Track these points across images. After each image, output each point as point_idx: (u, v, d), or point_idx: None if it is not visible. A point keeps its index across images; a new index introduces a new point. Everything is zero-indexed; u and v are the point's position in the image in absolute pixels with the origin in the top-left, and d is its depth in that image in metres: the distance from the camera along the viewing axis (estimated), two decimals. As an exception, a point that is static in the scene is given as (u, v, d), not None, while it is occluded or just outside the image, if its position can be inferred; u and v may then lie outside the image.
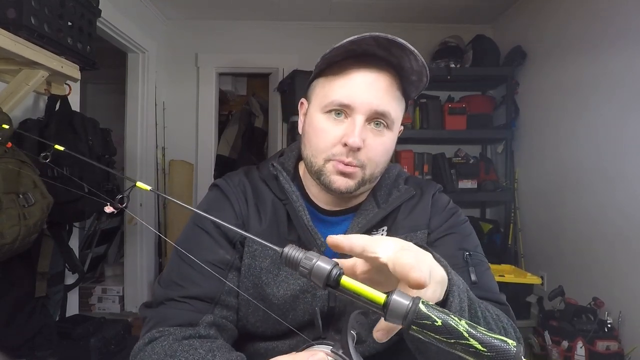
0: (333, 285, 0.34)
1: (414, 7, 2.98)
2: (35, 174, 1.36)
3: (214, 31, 3.33)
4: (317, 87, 0.70)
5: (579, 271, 2.22)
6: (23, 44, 1.31)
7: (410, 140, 3.10)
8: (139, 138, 2.97)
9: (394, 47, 0.61)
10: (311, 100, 0.71)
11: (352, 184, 0.67)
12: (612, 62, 2.01)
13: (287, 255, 0.36)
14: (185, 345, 0.57)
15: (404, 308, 0.32)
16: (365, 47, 0.63)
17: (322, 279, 0.33)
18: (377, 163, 0.68)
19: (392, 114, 0.66)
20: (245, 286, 0.69)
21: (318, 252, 0.68)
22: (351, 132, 0.64)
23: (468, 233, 0.75)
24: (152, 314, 0.64)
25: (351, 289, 0.33)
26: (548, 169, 2.51)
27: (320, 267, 0.33)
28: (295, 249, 0.36)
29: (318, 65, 0.68)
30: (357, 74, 0.65)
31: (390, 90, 0.66)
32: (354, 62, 0.65)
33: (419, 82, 0.67)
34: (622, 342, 1.85)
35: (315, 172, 0.69)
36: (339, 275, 0.33)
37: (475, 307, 0.53)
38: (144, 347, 0.60)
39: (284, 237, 0.72)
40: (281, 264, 0.39)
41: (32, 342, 1.51)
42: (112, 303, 3.03)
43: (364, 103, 0.64)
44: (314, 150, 0.68)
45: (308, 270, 0.34)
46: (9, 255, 1.25)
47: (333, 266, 0.33)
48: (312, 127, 0.69)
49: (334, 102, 0.65)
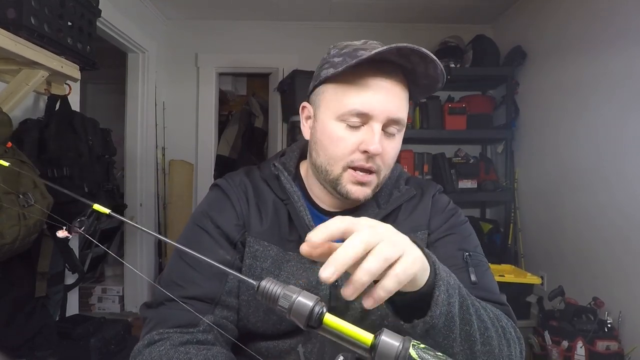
0: (315, 326, 0.31)
1: (414, 7, 2.98)
2: (35, 174, 1.36)
3: (214, 31, 3.33)
4: (326, 93, 0.68)
5: (579, 271, 2.22)
6: (23, 44, 1.31)
7: (410, 140, 3.09)
8: (139, 138, 2.97)
9: (414, 55, 0.61)
10: (319, 106, 0.70)
11: (369, 192, 0.69)
12: (612, 62, 2.01)
13: (263, 289, 0.33)
14: (182, 353, 0.57)
15: (393, 351, 0.30)
16: (384, 55, 0.62)
17: (303, 317, 0.30)
18: (389, 166, 0.70)
19: (404, 119, 0.67)
20: (246, 286, 0.69)
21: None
22: (371, 139, 0.64)
23: (468, 234, 0.75)
24: (153, 315, 0.64)
25: (336, 328, 0.31)
26: (548, 169, 2.51)
27: (301, 304, 0.30)
28: (273, 282, 0.33)
29: (324, 69, 0.67)
30: (373, 82, 0.64)
31: (402, 94, 0.66)
32: (368, 68, 0.63)
33: (429, 87, 0.67)
34: (622, 342, 1.85)
35: (331, 180, 0.68)
36: (322, 313, 0.31)
37: (467, 305, 0.53)
38: (142, 350, 0.60)
39: (285, 237, 0.71)
40: (258, 298, 0.36)
41: (32, 342, 1.51)
42: (112, 303, 3.03)
43: (383, 111, 0.64)
44: (330, 159, 0.67)
45: (287, 309, 0.31)
46: (9, 255, 1.25)
47: (315, 302, 0.31)
48: (327, 135, 0.67)
49: (352, 110, 0.64)
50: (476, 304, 0.56)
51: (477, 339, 0.54)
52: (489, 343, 0.55)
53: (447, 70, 2.84)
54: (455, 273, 0.55)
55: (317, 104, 0.71)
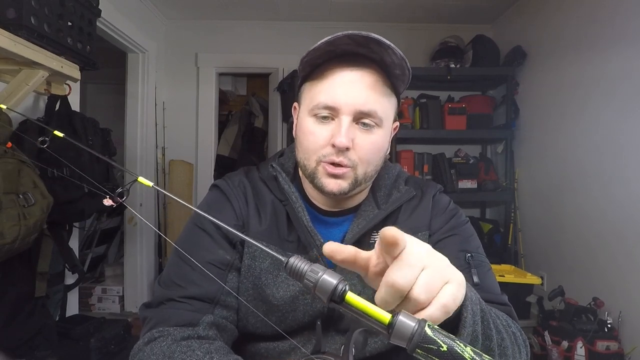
0: (338, 301, 0.33)
1: (414, 7, 2.98)
2: (36, 174, 1.36)
3: (214, 31, 3.33)
4: (304, 92, 0.71)
5: (579, 271, 2.22)
6: (23, 44, 1.31)
7: (410, 140, 3.10)
8: (139, 138, 2.97)
9: (372, 43, 0.61)
10: (301, 105, 0.72)
11: (345, 186, 0.66)
12: (612, 62, 2.01)
13: (292, 265, 0.35)
14: (184, 347, 0.57)
15: (409, 330, 0.31)
16: (344, 47, 0.63)
17: (327, 293, 0.32)
18: (368, 162, 0.67)
19: (380, 112, 0.65)
20: (245, 287, 0.69)
21: (318, 253, 0.68)
22: (338, 132, 0.63)
23: (469, 234, 0.75)
24: (152, 314, 0.64)
25: (356, 305, 0.32)
26: (548, 169, 2.51)
27: (326, 282, 0.32)
28: (301, 260, 0.35)
29: (300, 69, 0.68)
30: (339, 75, 0.64)
31: (376, 86, 0.65)
32: (337, 63, 0.65)
33: (403, 75, 0.66)
34: (622, 342, 1.85)
35: (309, 175, 0.69)
36: (344, 291, 0.32)
37: (487, 319, 0.51)
38: (143, 347, 0.59)
39: (284, 237, 0.71)
40: (285, 272, 0.37)
41: (32, 342, 1.51)
42: (112, 303, 3.03)
43: (348, 104, 0.63)
44: (305, 153, 0.68)
45: (313, 284, 0.33)
46: (9, 255, 1.25)
47: (339, 281, 0.32)
48: (302, 131, 0.69)
49: (319, 104, 0.65)
50: (493, 315, 0.55)
51: (495, 351, 0.53)
52: (505, 353, 0.55)
53: (447, 70, 2.86)
54: None
55: (300, 102, 0.72)
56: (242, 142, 3.96)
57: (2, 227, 1.18)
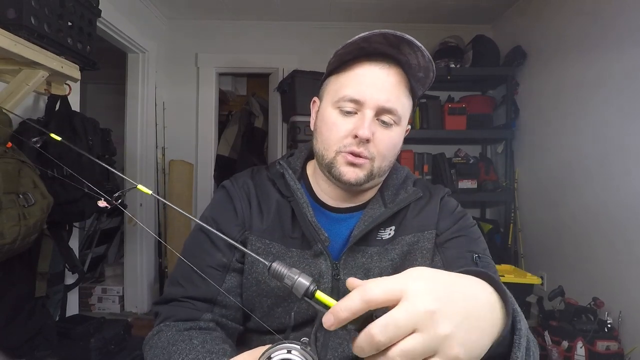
0: (309, 297, 0.41)
1: (414, 7, 2.98)
2: (36, 174, 1.36)
3: (214, 31, 3.33)
4: (329, 85, 0.74)
5: (579, 271, 2.22)
6: (23, 44, 1.31)
7: (410, 140, 3.09)
8: (139, 138, 2.97)
9: (403, 44, 0.64)
10: (323, 97, 0.75)
11: (362, 175, 0.69)
12: (613, 62, 2.01)
13: (274, 270, 0.42)
14: (185, 336, 0.64)
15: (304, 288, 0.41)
16: (375, 45, 0.66)
17: (301, 292, 0.41)
18: (385, 156, 0.70)
19: (400, 110, 0.69)
20: (249, 283, 0.73)
21: (322, 247, 0.71)
22: (361, 124, 0.67)
23: (477, 236, 0.77)
24: (162, 310, 0.71)
25: (322, 301, 0.41)
26: (548, 169, 2.51)
27: (301, 283, 0.41)
28: (281, 265, 0.42)
29: (331, 62, 0.71)
30: (367, 71, 0.68)
31: (399, 86, 0.68)
32: (365, 60, 0.68)
33: (426, 78, 0.69)
34: (622, 342, 1.85)
35: (327, 165, 0.71)
36: (315, 290, 0.41)
37: (529, 347, 0.47)
38: (152, 337, 0.67)
39: (288, 234, 0.74)
40: (268, 276, 0.44)
41: (32, 342, 1.51)
42: (112, 303, 3.03)
43: (373, 98, 0.66)
44: (325, 144, 0.71)
45: (290, 285, 0.42)
46: (9, 255, 1.25)
47: (310, 283, 0.41)
48: (324, 122, 0.72)
49: (346, 97, 0.68)
50: (529, 341, 0.50)
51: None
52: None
53: (447, 70, 2.85)
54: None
55: (322, 96, 0.75)
56: (242, 142, 3.96)
57: (2, 227, 1.18)
